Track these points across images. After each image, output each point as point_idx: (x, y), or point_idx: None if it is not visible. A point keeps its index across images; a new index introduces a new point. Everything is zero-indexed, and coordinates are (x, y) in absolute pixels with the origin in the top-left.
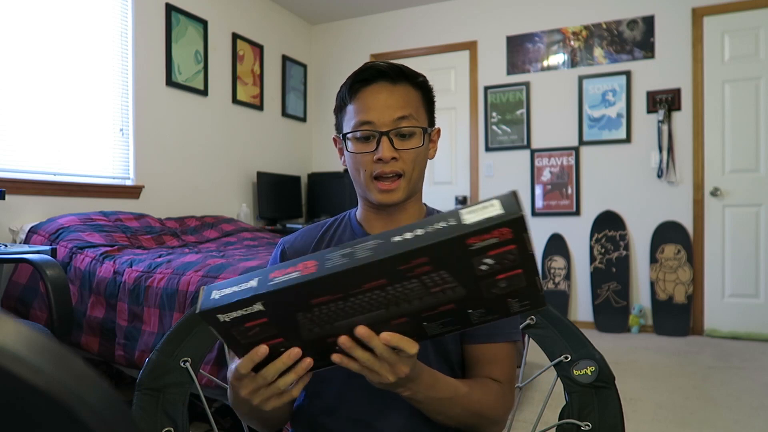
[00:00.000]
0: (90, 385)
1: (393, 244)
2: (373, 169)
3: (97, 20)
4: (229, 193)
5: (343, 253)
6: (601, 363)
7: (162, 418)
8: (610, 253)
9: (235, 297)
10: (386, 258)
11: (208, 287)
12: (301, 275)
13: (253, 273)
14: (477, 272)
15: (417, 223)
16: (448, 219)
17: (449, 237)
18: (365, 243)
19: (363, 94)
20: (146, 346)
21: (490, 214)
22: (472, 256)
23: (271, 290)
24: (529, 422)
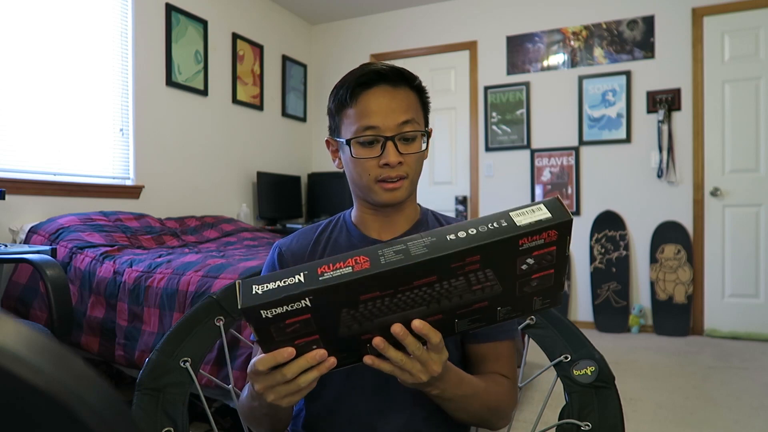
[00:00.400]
0: (90, 385)
1: (449, 242)
2: (379, 174)
3: (97, 20)
4: (229, 193)
5: (396, 249)
6: (601, 363)
7: (162, 418)
8: (610, 253)
9: (283, 292)
10: (443, 255)
11: (245, 282)
12: (355, 271)
13: (296, 268)
14: (517, 271)
15: (467, 222)
16: (500, 220)
17: (505, 237)
18: (419, 240)
19: (365, 98)
20: (146, 346)
21: (540, 217)
22: (518, 255)
23: (323, 286)
24: (529, 422)
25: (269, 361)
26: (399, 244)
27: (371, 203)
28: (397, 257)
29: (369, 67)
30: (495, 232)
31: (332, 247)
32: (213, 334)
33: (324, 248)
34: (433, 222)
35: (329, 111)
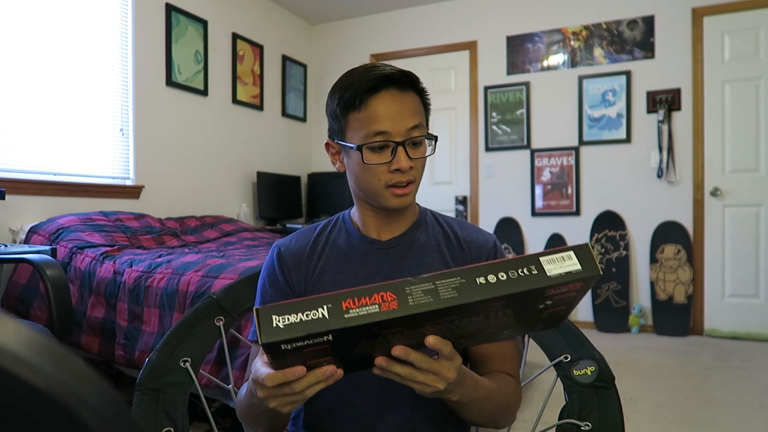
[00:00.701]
0: (90, 385)
1: (478, 286)
2: (389, 179)
3: (97, 20)
4: (229, 193)
5: (425, 289)
6: (601, 363)
7: (162, 418)
8: (610, 253)
9: (306, 329)
10: (472, 302)
11: (264, 312)
12: (381, 311)
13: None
14: (535, 309)
15: (496, 265)
16: (530, 266)
17: (534, 287)
18: (447, 279)
19: (373, 103)
20: (146, 346)
21: (570, 268)
22: (541, 300)
23: (347, 326)
24: (529, 422)
25: (279, 378)
26: (428, 282)
27: (378, 207)
28: (425, 299)
29: (376, 70)
30: (525, 281)
31: (330, 247)
32: (213, 334)
33: (323, 249)
34: (432, 222)
35: (332, 113)
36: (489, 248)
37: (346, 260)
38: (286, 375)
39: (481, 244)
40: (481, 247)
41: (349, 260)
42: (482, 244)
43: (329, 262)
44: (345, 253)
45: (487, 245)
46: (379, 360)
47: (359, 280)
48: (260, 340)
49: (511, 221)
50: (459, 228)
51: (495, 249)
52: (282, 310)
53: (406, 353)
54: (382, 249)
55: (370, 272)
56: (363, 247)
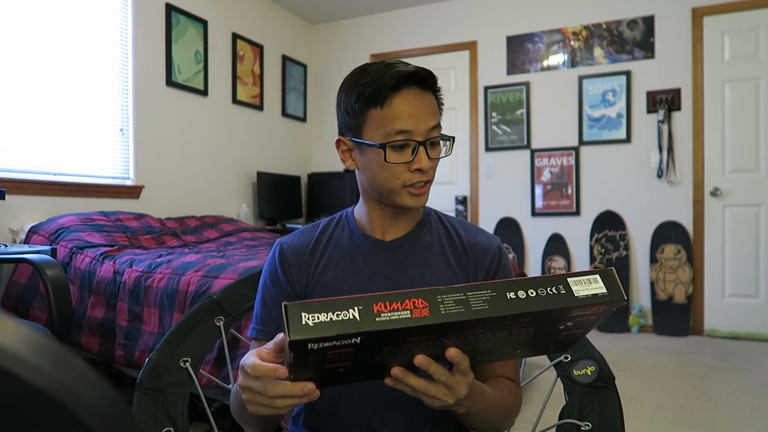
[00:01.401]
0: (90, 385)
1: (509, 300)
2: (409, 179)
3: (97, 20)
4: (229, 193)
5: (457, 299)
6: (601, 363)
7: (162, 418)
8: (610, 253)
9: (338, 329)
10: (503, 316)
11: (292, 308)
12: (413, 317)
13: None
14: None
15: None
16: (558, 286)
17: (561, 306)
18: (479, 291)
19: (396, 100)
20: (146, 346)
21: (597, 291)
22: (564, 320)
23: (378, 329)
24: (529, 422)
25: (261, 370)
26: (459, 292)
27: (389, 206)
28: (457, 309)
29: (398, 66)
30: (553, 300)
31: (333, 246)
32: (213, 334)
33: (325, 247)
34: (436, 223)
35: (348, 109)
36: (493, 251)
37: (348, 259)
38: (268, 370)
39: (485, 247)
40: (485, 251)
41: (352, 259)
42: (486, 247)
43: (331, 261)
44: (348, 252)
45: (491, 248)
46: (395, 370)
47: (362, 280)
48: (288, 337)
49: (511, 221)
50: (463, 229)
51: (499, 252)
52: (312, 307)
53: (428, 363)
54: (385, 249)
55: (373, 272)
56: (366, 247)
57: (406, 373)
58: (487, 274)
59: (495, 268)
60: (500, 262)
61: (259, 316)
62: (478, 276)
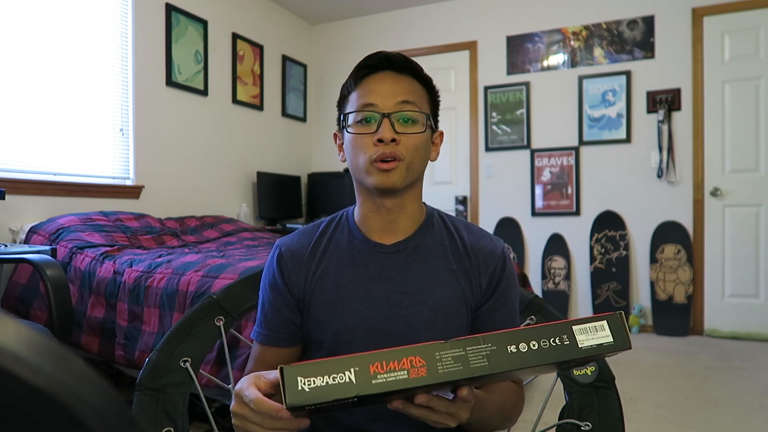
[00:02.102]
0: (90, 385)
1: (509, 355)
2: (373, 152)
3: (97, 20)
4: (229, 193)
5: (455, 356)
6: (601, 363)
7: (162, 418)
8: (610, 253)
9: (332, 395)
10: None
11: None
12: (410, 378)
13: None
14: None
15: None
16: (562, 336)
17: (564, 360)
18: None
19: (367, 81)
20: (146, 346)
21: (602, 340)
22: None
23: (374, 393)
24: (529, 422)
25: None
26: (458, 348)
27: (370, 193)
28: (455, 367)
29: (377, 53)
30: (556, 352)
31: (333, 249)
32: (213, 334)
33: (324, 250)
34: (439, 225)
35: (337, 102)
36: (497, 256)
37: (348, 263)
38: (271, 410)
39: (489, 252)
40: (488, 255)
41: (352, 263)
42: (490, 252)
43: (331, 264)
44: (348, 255)
45: (495, 253)
46: (396, 404)
47: (361, 284)
48: (284, 403)
49: (511, 221)
50: (467, 233)
51: (503, 258)
52: (308, 371)
53: (428, 400)
54: (385, 253)
55: (373, 276)
56: (366, 250)
57: (407, 405)
58: (491, 280)
59: (499, 273)
60: (504, 268)
61: (260, 320)
62: (482, 282)
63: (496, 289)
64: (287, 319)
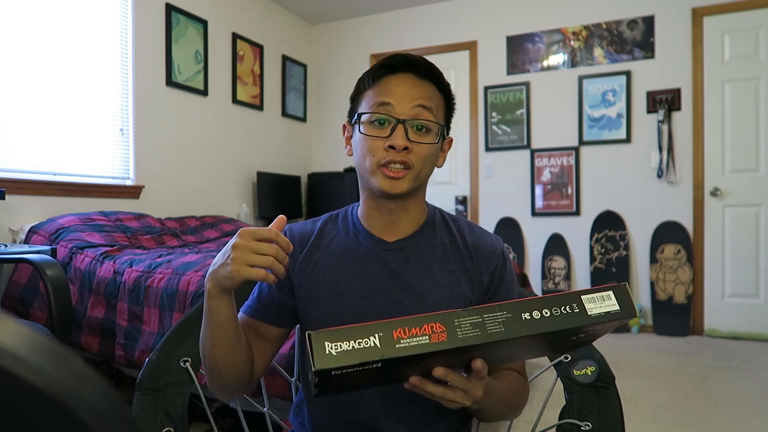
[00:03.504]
0: (90, 385)
1: (524, 321)
2: (383, 157)
3: (97, 20)
4: (229, 193)
5: (474, 322)
6: (601, 363)
7: (162, 418)
8: (610, 253)
9: (358, 358)
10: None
11: (317, 336)
12: (431, 342)
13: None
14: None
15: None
16: (572, 304)
17: (575, 326)
18: (495, 313)
19: (386, 81)
20: (146, 346)
21: (609, 308)
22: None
23: (398, 356)
24: (529, 422)
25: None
26: (476, 315)
27: (373, 192)
28: (473, 333)
29: (399, 54)
30: (567, 319)
31: (336, 243)
32: None
33: (328, 243)
34: (440, 224)
35: (353, 93)
36: (497, 255)
37: (351, 258)
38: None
39: (490, 250)
40: (490, 254)
41: (354, 259)
42: (490, 251)
43: (333, 258)
44: (350, 250)
45: (495, 252)
46: (413, 380)
47: (362, 279)
48: (313, 366)
49: (511, 221)
50: (468, 231)
51: (503, 257)
52: (334, 336)
53: (446, 374)
54: (387, 250)
55: (374, 272)
56: (369, 246)
57: (424, 382)
58: (492, 279)
59: (500, 272)
60: (505, 266)
61: (253, 296)
62: (483, 280)
63: (498, 286)
64: (278, 300)
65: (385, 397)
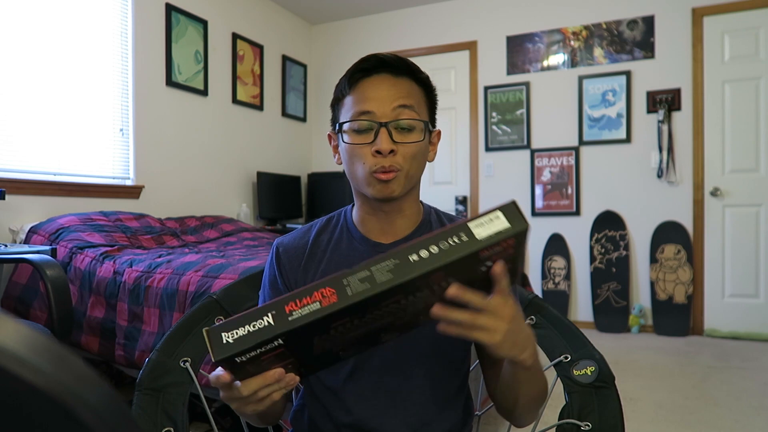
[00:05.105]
0: (90, 385)
1: (412, 264)
2: (373, 164)
3: (97, 20)
4: (229, 193)
5: (362, 277)
6: (601, 363)
7: (162, 418)
8: (610, 253)
9: (254, 339)
10: (408, 280)
11: (213, 332)
12: (322, 307)
13: (263, 309)
14: (477, 274)
15: (429, 238)
16: (459, 234)
17: (466, 253)
18: (382, 263)
19: (363, 85)
20: (146, 346)
21: (498, 228)
22: (478, 263)
23: (292, 328)
24: None
25: (220, 382)
26: (363, 270)
27: (367, 198)
28: (363, 286)
29: (372, 56)
30: (457, 249)
31: (332, 249)
32: None
33: (324, 250)
34: (436, 223)
35: (331, 102)
36: None
37: (347, 264)
38: (226, 381)
39: None
40: None
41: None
42: None
43: (330, 265)
44: (346, 255)
45: None
46: (436, 308)
47: None
48: (213, 359)
49: None
50: None
51: None
52: (230, 326)
53: (461, 293)
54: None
55: None
56: (365, 250)
57: (447, 309)
58: None
59: None
60: None
61: None
62: None
63: None
64: None
65: (385, 400)
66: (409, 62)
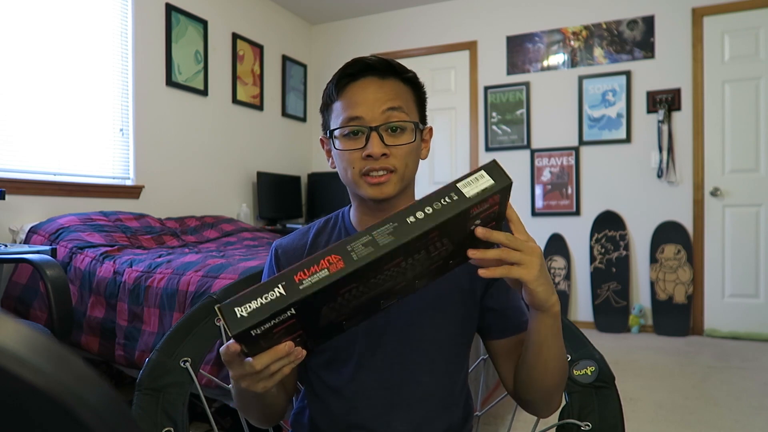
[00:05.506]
0: (90, 385)
1: (410, 224)
2: (363, 167)
3: (97, 20)
4: (229, 193)
5: (365, 242)
6: (601, 363)
7: (162, 418)
8: (610, 253)
9: (269, 310)
10: (409, 240)
11: (225, 306)
12: (331, 273)
13: (273, 280)
14: (467, 231)
15: (422, 200)
16: (450, 194)
17: (459, 211)
18: (382, 227)
19: (350, 89)
20: (146, 346)
21: (484, 185)
22: (468, 220)
23: (304, 296)
24: (529, 422)
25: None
26: (365, 235)
27: (363, 198)
28: (367, 250)
29: (358, 60)
30: (450, 207)
31: None
32: (213, 334)
33: None
34: None
35: (320, 108)
36: None
37: None
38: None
39: None
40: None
41: None
42: None
43: None
44: None
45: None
46: (472, 252)
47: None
48: (230, 333)
49: None
50: None
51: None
52: (242, 300)
53: (488, 232)
54: None
55: None
56: None
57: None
58: None
59: None
60: None
61: None
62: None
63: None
64: None
65: (387, 399)
66: (393, 63)
